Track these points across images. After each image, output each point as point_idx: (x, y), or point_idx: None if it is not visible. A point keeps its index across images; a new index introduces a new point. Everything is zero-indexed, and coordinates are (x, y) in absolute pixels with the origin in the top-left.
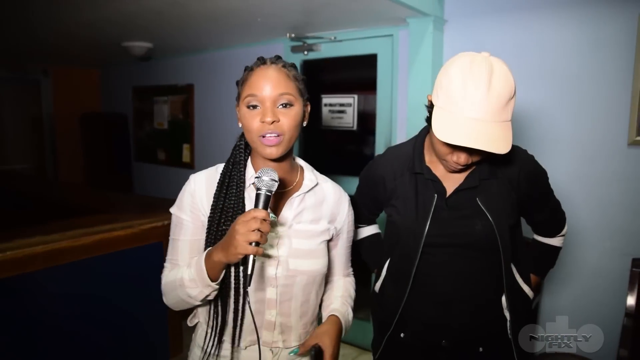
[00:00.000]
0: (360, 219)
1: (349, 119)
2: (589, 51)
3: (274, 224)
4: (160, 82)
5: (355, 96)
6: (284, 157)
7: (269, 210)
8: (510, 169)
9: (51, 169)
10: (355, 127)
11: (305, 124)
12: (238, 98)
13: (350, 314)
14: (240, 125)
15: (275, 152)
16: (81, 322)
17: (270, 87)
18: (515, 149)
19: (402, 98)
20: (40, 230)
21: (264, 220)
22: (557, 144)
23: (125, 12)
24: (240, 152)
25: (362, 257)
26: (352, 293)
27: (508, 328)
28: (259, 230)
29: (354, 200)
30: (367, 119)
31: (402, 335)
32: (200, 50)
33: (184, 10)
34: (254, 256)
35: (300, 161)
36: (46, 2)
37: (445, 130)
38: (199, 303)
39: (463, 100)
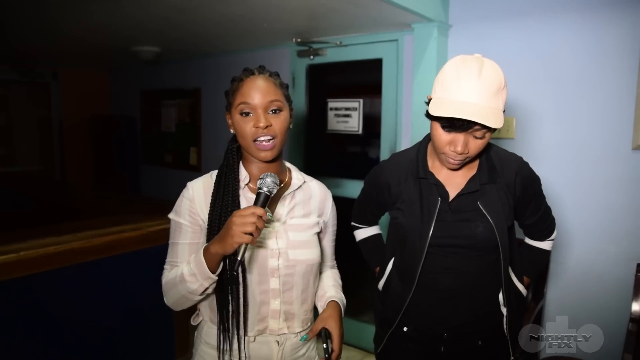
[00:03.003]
0: (362, 221)
1: (354, 123)
2: (593, 55)
3: (269, 221)
4: (168, 85)
5: (361, 100)
6: (275, 159)
7: (266, 209)
8: (507, 174)
9: (59, 171)
10: (360, 131)
11: (290, 126)
12: (229, 107)
13: (344, 300)
14: (232, 131)
15: (270, 155)
16: (91, 321)
17: (261, 95)
18: (512, 156)
19: (407, 102)
20: (52, 231)
21: (260, 217)
22: (562, 148)
23: (134, 17)
24: (233, 155)
25: (363, 257)
26: (340, 282)
27: (504, 323)
28: (254, 224)
29: (358, 203)
30: (372, 123)
31: (405, 329)
32: (207, 54)
33: (191, 16)
34: (246, 245)
35: (287, 163)
36: (57, 7)
37: (440, 108)
38: (199, 298)
39: (456, 86)
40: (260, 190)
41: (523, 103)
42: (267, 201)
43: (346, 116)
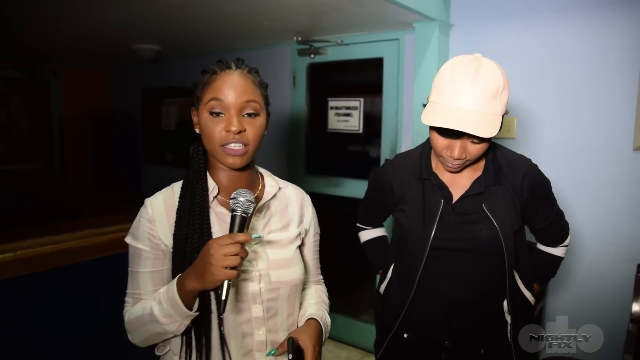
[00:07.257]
0: (367, 222)
1: (355, 122)
2: (595, 56)
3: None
4: (168, 84)
5: (361, 99)
6: (247, 167)
7: (250, 231)
8: (514, 177)
9: (60, 169)
10: (361, 130)
11: (265, 133)
12: (197, 102)
13: (329, 319)
14: (197, 130)
15: (239, 162)
16: (90, 321)
17: (236, 93)
18: (520, 157)
19: (408, 102)
20: (50, 230)
21: (243, 245)
22: (562, 149)
23: (135, 15)
24: (200, 162)
25: (367, 258)
26: (326, 300)
27: (508, 331)
28: (236, 254)
29: (362, 204)
30: (373, 122)
31: (405, 335)
32: (208, 52)
33: (191, 14)
34: (229, 281)
35: (260, 169)
36: (58, 4)
37: (431, 116)
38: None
39: (451, 91)
40: (235, 213)
41: (524, 103)
42: (244, 224)
43: (347, 115)
